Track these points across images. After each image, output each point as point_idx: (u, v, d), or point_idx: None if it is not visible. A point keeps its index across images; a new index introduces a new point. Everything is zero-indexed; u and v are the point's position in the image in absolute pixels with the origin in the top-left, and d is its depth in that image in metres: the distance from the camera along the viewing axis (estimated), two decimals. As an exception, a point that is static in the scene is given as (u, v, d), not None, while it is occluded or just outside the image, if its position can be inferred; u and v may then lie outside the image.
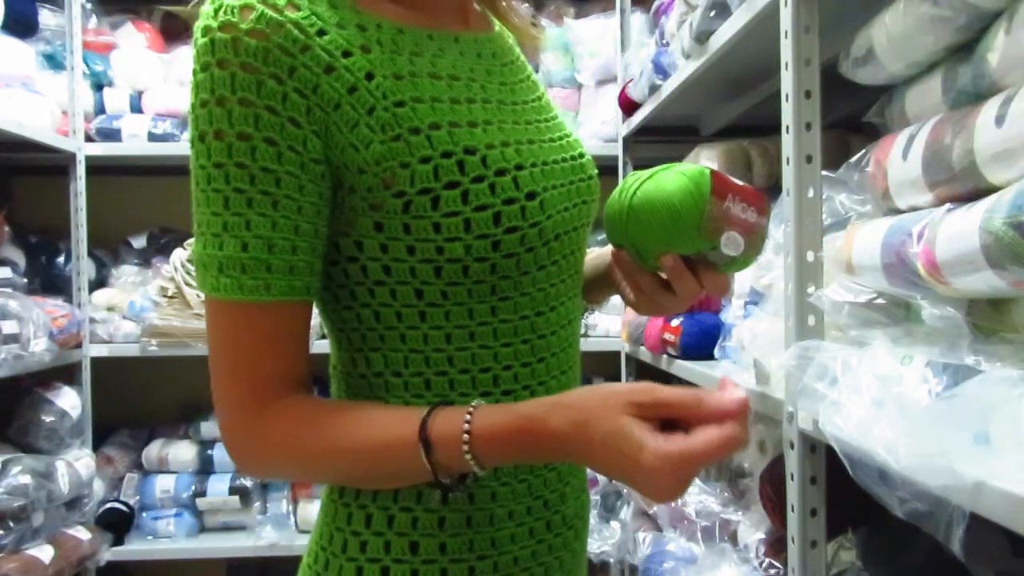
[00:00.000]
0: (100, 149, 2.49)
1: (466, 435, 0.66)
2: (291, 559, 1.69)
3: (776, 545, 1.34)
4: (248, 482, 2.53)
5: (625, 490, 2.20)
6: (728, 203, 0.75)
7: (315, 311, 0.76)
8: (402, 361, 0.74)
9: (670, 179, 0.77)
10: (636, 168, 2.37)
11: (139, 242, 2.69)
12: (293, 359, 0.71)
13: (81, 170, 2.46)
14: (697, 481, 1.72)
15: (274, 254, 0.67)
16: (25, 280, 2.33)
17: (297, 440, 0.70)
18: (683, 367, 1.56)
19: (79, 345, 2.42)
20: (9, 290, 2.15)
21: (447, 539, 0.74)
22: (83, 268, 2.47)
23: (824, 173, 1.08)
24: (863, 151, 1.00)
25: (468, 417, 0.67)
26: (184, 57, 2.58)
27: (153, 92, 2.57)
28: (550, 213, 0.75)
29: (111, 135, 2.51)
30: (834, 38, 1.06)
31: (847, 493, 0.88)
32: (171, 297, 2.41)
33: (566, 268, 0.79)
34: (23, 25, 2.29)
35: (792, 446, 1.07)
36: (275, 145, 0.66)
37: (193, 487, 2.52)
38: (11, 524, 2.03)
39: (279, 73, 0.65)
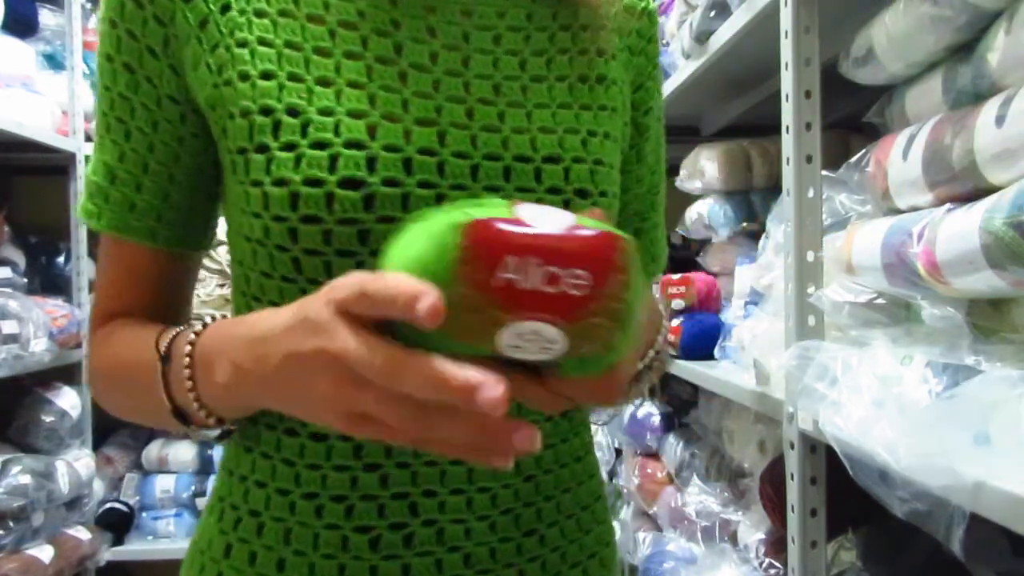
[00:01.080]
0: (100, 149, 2.48)
1: (189, 346, 0.55)
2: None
3: (776, 545, 1.34)
4: (248, 482, 2.53)
5: (625, 490, 2.20)
6: (507, 274, 0.42)
7: None
8: None
9: (407, 242, 0.45)
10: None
11: (139, 242, 2.69)
12: (136, 302, 0.65)
13: (81, 170, 2.45)
14: (697, 481, 1.72)
15: (115, 185, 0.64)
16: (25, 280, 2.33)
17: (96, 361, 0.66)
18: (683, 367, 1.56)
19: (79, 345, 2.42)
20: (9, 290, 2.15)
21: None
22: (83, 268, 2.47)
23: (824, 173, 1.08)
24: (863, 151, 1.00)
25: (199, 327, 0.56)
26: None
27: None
28: (390, 214, 0.57)
29: (111, 135, 2.50)
30: (834, 38, 1.06)
31: (847, 493, 0.88)
32: (171, 297, 2.41)
33: None
34: (23, 25, 2.29)
35: (792, 446, 1.07)
36: (133, 72, 0.62)
37: (193, 487, 2.52)
38: (11, 524, 2.03)
39: None
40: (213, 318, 0.58)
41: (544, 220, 0.44)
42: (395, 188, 0.57)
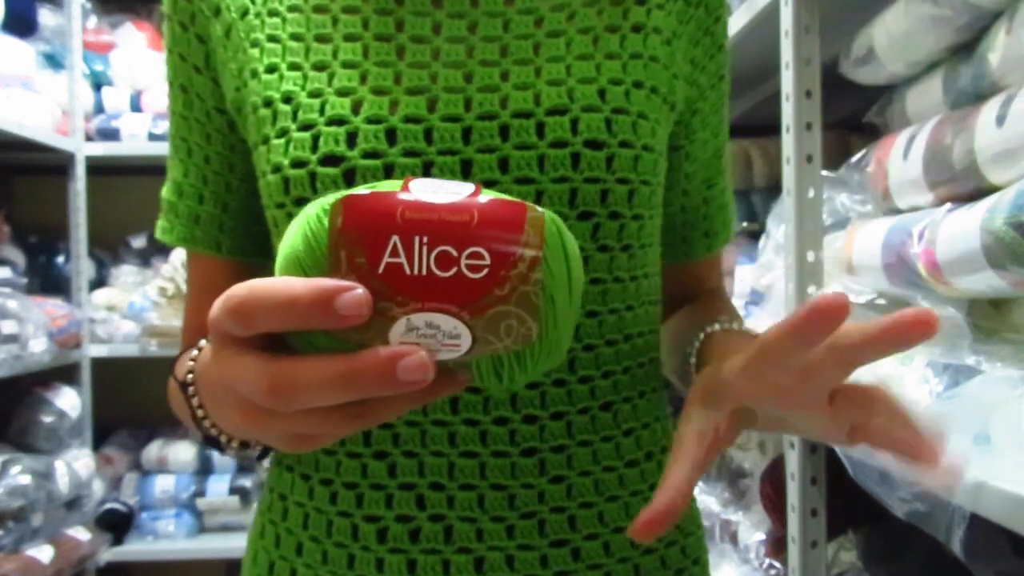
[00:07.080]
0: (100, 149, 2.48)
1: (190, 374, 0.53)
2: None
3: (776, 545, 1.34)
4: (248, 482, 2.53)
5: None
6: (391, 258, 0.37)
7: None
8: None
9: (284, 237, 0.39)
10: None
11: (139, 242, 2.69)
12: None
13: (81, 170, 2.45)
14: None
15: (182, 199, 0.68)
16: (25, 280, 2.33)
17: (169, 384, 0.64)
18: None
19: (79, 345, 2.42)
20: (9, 290, 2.15)
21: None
22: (83, 268, 2.46)
23: (824, 173, 1.08)
24: (863, 151, 1.00)
25: (195, 352, 0.53)
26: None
27: (153, 91, 2.56)
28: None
29: (110, 134, 2.50)
30: (834, 38, 1.06)
31: (847, 493, 0.88)
32: (170, 297, 2.41)
33: None
34: (23, 24, 2.29)
35: (792, 446, 1.07)
36: (186, 92, 0.66)
37: (193, 487, 2.52)
38: (11, 524, 2.03)
39: (184, 20, 0.65)
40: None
41: (437, 192, 0.37)
42: (376, 160, 0.55)
